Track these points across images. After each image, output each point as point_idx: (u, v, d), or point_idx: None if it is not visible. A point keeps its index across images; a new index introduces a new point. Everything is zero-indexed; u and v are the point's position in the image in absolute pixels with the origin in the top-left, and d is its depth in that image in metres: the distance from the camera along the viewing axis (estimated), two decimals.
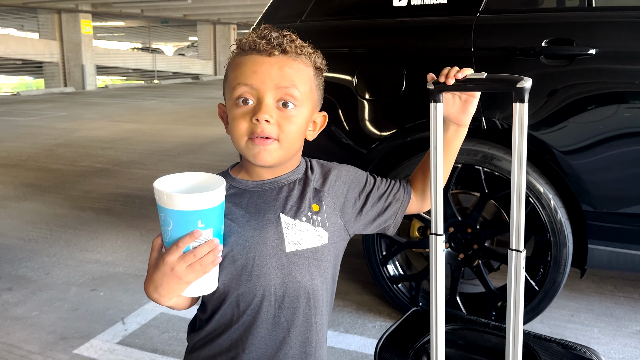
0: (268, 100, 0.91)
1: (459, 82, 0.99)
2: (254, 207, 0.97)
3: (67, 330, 2.31)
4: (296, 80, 0.93)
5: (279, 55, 0.92)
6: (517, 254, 0.97)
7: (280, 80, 0.92)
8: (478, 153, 2.08)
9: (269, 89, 0.91)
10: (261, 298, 0.95)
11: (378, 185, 1.07)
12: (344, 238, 1.03)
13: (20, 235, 3.50)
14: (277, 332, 0.96)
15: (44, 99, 13.46)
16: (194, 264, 0.84)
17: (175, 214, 0.81)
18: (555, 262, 2.04)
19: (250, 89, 0.91)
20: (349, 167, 1.08)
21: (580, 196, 2.00)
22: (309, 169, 1.03)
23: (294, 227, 0.95)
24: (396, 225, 1.09)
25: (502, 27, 2.11)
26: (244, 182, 0.99)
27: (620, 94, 1.92)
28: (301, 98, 0.94)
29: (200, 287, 0.88)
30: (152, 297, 0.88)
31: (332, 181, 1.02)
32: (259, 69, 0.92)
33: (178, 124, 8.71)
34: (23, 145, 6.72)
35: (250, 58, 0.93)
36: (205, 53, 23.04)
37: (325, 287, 1.00)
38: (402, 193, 1.09)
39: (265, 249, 0.94)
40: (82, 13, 16.91)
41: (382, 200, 1.06)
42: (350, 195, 1.03)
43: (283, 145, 0.93)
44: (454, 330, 1.20)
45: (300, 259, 0.96)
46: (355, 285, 2.70)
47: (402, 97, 2.17)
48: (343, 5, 2.53)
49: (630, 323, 2.35)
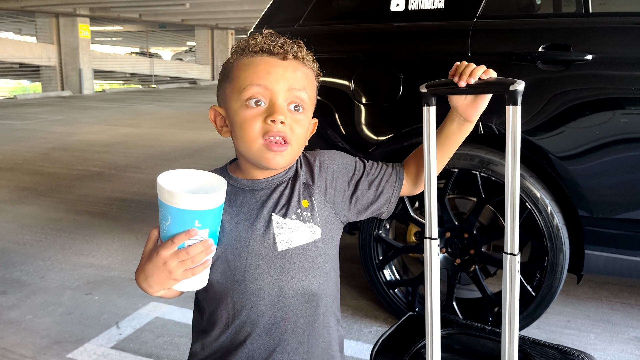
0: (281, 102, 0.92)
1: (451, 85, 0.98)
2: (248, 206, 0.97)
3: (61, 334, 2.30)
4: (306, 85, 0.95)
5: (292, 59, 0.94)
6: (512, 258, 0.97)
7: (293, 83, 0.93)
8: (475, 158, 2.07)
9: (282, 90, 0.92)
10: (256, 297, 0.95)
11: (368, 171, 1.06)
12: (338, 227, 1.03)
13: (15, 238, 3.48)
14: (274, 330, 0.97)
15: (41, 103, 13.44)
16: (185, 262, 0.84)
17: (174, 211, 0.82)
18: (551, 268, 2.03)
19: (263, 89, 0.91)
20: (335, 153, 1.07)
21: (576, 201, 2.00)
22: (299, 164, 1.03)
23: (284, 226, 0.96)
24: (389, 211, 1.08)
25: (499, 32, 2.11)
26: (240, 181, 0.99)
27: (617, 100, 1.92)
28: (308, 102, 0.96)
29: (190, 283, 0.88)
30: (141, 286, 0.89)
31: (317, 173, 1.02)
32: (273, 70, 0.92)
33: (175, 129, 8.69)
34: (19, 149, 6.70)
35: (262, 59, 0.93)
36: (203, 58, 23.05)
37: (322, 280, 0.99)
38: (394, 178, 1.08)
39: (258, 249, 0.95)
40: (80, 17, 16.90)
41: (374, 187, 1.05)
42: (339, 184, 1.03)
43: (294, 149, 0.95)
44: (449, 335, 1.19)
45: (293, 256, 0.96)
46: (351, 290, 2.69)
47: (399, 101, 2.17)
48: (340, 10, 2.53)
49: (626, 329, 2.34)
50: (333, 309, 1.04)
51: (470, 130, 1.07)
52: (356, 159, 1.08)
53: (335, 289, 1.04)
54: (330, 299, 1.03)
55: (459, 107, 1.03)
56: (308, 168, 1.03)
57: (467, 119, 1.05)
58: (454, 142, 1.08)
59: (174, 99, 14.77)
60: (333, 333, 1.04)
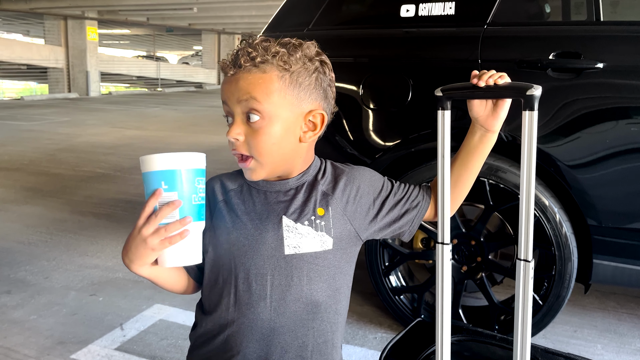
0: (237, 117, 0.92)
1: (467, 89, 0.98)
2: (260, 206, 0.97)
3: (64, 335, 2.29)
4: (252, 91, 0.90)
5: (236, 71, 0.92)
6: (526, 264, 0.96)
7: (239, 94, 0.90)
8: (483, 165, 2.06)
9: (233, 105, 0.92)
10: (257, 298, 0.94)
11: (395, 191, 1.05)
12: (355, 243, 1.01)
13: (20, 238, 3.48)
14: (272, 335, 0.95)
15: (48, 104, 13.50)
16: (159, 230, 0.85)
17: (144, 177, 0.87)
18: (559, 277, 2.02)
19: (226, 107, 0.93)
20: (365, 170, 1.05)
21: (585, 210, 1.99)
22: (321, 171, 1.01)
23: (294, 230, 0.94)
24: (412, 232, 1.06)
25: (509, 39, 2.11)
26: (255, 182, 0.99)
27: (628, 109, 1.91)
28: (266, 107, 0.89)
29: (176, 258, 0.88)
30: (125, 262, 0.89)
31: (342, 185, 1.00)
32: (225, 87, 0.93)
33: (180, 132, 8.71)
34: (25, 150, 6.72)
35: (224, 78, 0.95)
36: (209, 62, 23.13)
37: (330, 293, 0.97)
38: (421, 200, 1.06)
39: (264, 250, 0.94)
40: (88, 20, 17.02)
41: (399, 207, 1.04)
42: (364, 201, 1.01)
43: (261, 160, 0.92)
44: (459, 341, 1.18)
45: (299, 262, 0.94)
46: (356, 296, 2.67)
47: (407, 107, 2.17)
48: (350, 15, 2.53)
49: (633, 340, 2.32)
50: (342, 328, 1.02)
51: (494, 141, 1.06)
52: (385, 177, 1.06)
53: (342, 305, 1.01)
54: (341, 318, 1.01)
55: (479, 118, 1.03)
56: (333, 178, 1.00)
57: (488, 129, 1.04)
58: (479, 155, 1.07)
59: (180, 103, 14.81)
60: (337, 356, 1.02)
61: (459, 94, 0.99)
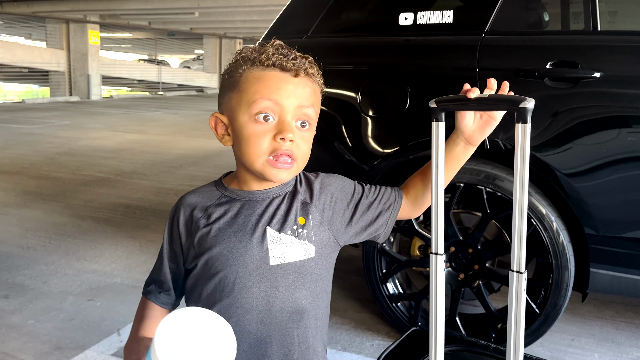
0: (290, 119, 0.92)
1: (461, 101, 0.98)
2: (243, 217, 0.97)
3: (62, 340, 2.29)
4: (313, 101, 0.96)
5: (303, 76, 0.94)
6: (519, 275, 0.96)
7: (302, 100, 0.93)
8: (481, 173, 2.07)
9: (292, 107, 0.92)
10: (243, 311, 0.94)
11: (367, 193, 1.06)
12: (334, 249, 1.03)
13: (19, 242, 3.49)
14: (259, 346, 0.95)
15: (49, 108, 13.53)
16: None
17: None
18: (556, 285, 2.02)
19: (273, 105, 0.91)
20: (335, 176, 1.07)
21: (582, 219, 1.99)
22: (299, 181, 1.03)
23: (278, 241, 0.95)
24: (386, 234, 1.08)
25: (507, 48, 2.11)
26: (236, 192, 0.99)
27: (625, 118, 1.91)
28: (314, 119, 0.96)
29: None
30: None
31: (317, 193, 1.01)
32: (285, 86, 0.92)
33: (181, 136, 8.72)
34: (25, 153, 6.74)
35: (274, 74, 0.93)
36: (211, 66, 23.18)
37: (312, 300, 0.98)
38: (393, 201, 1.08)
39: (249, 262, 0.94)
40: (90, 24, 17.07)
41: (372, 209, 1.05)
42: (339, 206, 1.03)
43: (299, 165, 0.95)
44: (453, 351, 1.18)
45: (285, 272, 0.95)
46: (353, 303, 2.67)
47: (405, 115, 2.18)
48: (349, 23, 2.54)
49: (631, 349, 2.32)
50: (322, 333, 1.03)
51: (472, 152, 1.09)
52: (355, 182, 1.08)
53: (325, 312, 1.03)
54: (320, 322, 1.01)
55: (465, 131, 1.05)
56: (308, 187, 1.02)
57: (471, 143, 1.07)
58: (459, 163, 1.10)
59: (181, 107, 14.84)
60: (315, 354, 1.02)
61: (453, 106, 0.99)
